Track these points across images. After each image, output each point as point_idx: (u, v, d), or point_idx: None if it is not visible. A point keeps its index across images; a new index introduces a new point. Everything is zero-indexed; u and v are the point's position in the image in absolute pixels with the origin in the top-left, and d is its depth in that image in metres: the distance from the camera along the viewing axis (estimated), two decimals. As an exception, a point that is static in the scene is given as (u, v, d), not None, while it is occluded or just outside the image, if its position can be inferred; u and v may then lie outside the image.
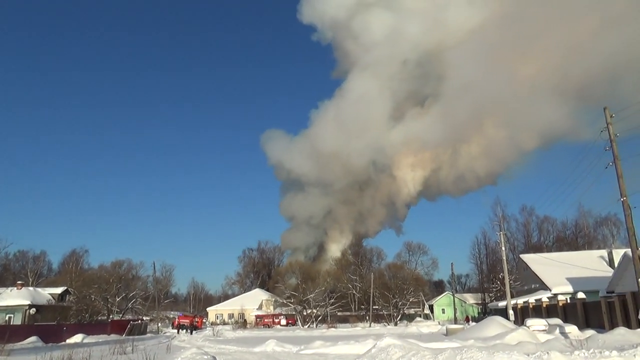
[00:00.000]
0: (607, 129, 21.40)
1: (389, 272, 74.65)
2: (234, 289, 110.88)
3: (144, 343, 29.11)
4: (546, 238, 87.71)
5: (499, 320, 29.20)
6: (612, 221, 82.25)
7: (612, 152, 21.22)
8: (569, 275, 41.50)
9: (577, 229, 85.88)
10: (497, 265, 71.60)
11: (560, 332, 26.12)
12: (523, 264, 54.03)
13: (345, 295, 71.64)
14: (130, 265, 69.85)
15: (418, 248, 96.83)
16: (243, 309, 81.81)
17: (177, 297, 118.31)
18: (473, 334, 27.17)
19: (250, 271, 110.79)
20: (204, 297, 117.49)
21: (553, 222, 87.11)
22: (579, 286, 37.79)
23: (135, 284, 66.78)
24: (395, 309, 67.34)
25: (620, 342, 18.28)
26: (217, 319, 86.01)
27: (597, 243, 77.52)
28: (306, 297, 66.48)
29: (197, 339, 40.96)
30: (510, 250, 78.58)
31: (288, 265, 78.97)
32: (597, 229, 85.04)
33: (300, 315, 68.20)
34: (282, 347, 24.86)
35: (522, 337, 22.19)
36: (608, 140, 21.47)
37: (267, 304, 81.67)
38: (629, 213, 21.00)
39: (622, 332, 20.68)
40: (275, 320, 70.54)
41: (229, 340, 38.27)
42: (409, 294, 67.59)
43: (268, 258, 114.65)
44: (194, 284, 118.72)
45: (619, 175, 20.92)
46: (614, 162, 21.13)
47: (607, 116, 21.68)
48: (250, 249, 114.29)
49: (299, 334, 47.67)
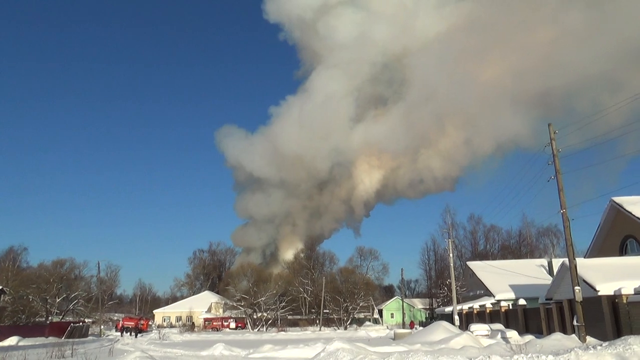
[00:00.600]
0: (551, 144, 22.55)
1: (341, 276, 75.18)
2: (182, 291, 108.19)
3: (85, 346, 27.96)
4: (492, 246, 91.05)
5: (444, 325, 30.04)
6: (552, 232, 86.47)
7: (554, 166, 22.37)
8: (511, 282, 43.21)
9: (521, 238, 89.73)
10: (445, 271, 73.67)
11: (502, 336, 27.18)
12: (469, 271, 55.80)
13: (296, 299, 71.53)
14: (72, 264, 67.17)
15: (370, 253, 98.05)
16: (192, 312, 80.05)
17: (123, 298, 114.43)
18: (420, 339, 27.81)
19: (200, 273, 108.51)
20: (150, 299, 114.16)
21: (499, 231, 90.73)
22: (521, 293, 39.40)
23: (78, 285, 64.09)
24: (346, 313, 67.88)
25: (556, 346, 19.28)
26: (164, 321, 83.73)
27: (538, 252, 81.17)
28: (257, 300, 65.91)
29: (142, 342, 39.70)
30: (458, 257, 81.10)
31: (240, 268, 77.98)
32: (539, 239, 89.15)
33: (250, 318, 67.51)
34: (230, 351, 24.52)
35: (466, 342, 22.92)
36: (551, 154, 22.61)
37: (216, 307, 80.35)
38: (567, 224, 22.17)
39: (559, 337, 21.81)
40: (224, 324, 69.41)
41: (175, 343, 37.34)
42: (360, 298, 68.32)
43: (219, 260, 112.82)
44: (141, 285, 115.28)
45: (560, 189, 22.09)
46: (555, 176, 22.29)
47: (550, 132, 22.84)
48: (201, 250, 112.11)
49: (249, 337, 47.19)
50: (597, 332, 21.87)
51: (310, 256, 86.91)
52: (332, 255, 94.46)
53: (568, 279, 22.97)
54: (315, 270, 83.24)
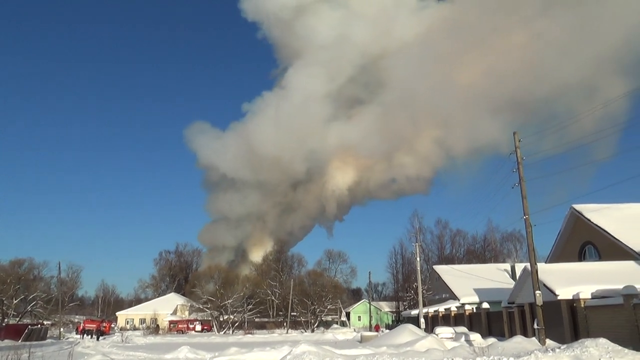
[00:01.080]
0: (515, 152, 23.21)
1: (309, 279, 75.18)
2: (147, 293, 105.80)
3: (43, 350, 26.99)
4: (458, 250, 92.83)
5: (410, 328, 30.41)
6: (516, 237, 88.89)
7: (519, 174, 23.03)
8: (476, 286, 44.09)
9: (486, 243, 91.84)
10: (412, 275, 74.55)
11: (466, 339, 27.70)
12: (435, 275, 56.65)
13: (264, 302, 71.09)
14: (31, 264, 64.94)
15: (338, 256, 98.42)
16: (156, 314, 78.43)
17: (84, 300, 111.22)
18: (386, 341, 28.06)
19: (166, 274, 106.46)
20: (114, 300, 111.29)
21: (464, 236, 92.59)
22: (485, 297, 40.25)
23: (37, 285, 61.94)
24: (313, 315, 67.87)
25: (517, 349, 19.78)
26: (128, 324, 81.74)
27: (502, 257, 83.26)
28: (224, 302, 65.15)
29: (103, 345, 38.63)
30: (425, 261, 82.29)
31: (207, 269, 76.96)
32: (503, 244, 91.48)
33: (216, 321, 66.66)
34: (195, 354, 24.12)
35: (431, 345, 23.26)
36: (516, 162, 23.26)
37: (182, 309, 79.01)
38: (530, 230, 22.83)
39: (520, 340, 22.37)
40: (190, 326, 68.30)
41: (138, 346, 36.51)
42: (327, 301, 68.48)
43: (186, 261, 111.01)
44: (104, 286, 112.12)
45: (523, 196, 22.74)
46: (519, 183, 22.94)
47: (515, 140, 23.51)
48: (167, 251, 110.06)
49: (215, 340, 46.60)
50: (556, 335, 22.56)
51: (279, 258, 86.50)
52: (300, 258, 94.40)
53: (530, 283, 23.62)
54: (283, 272, 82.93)
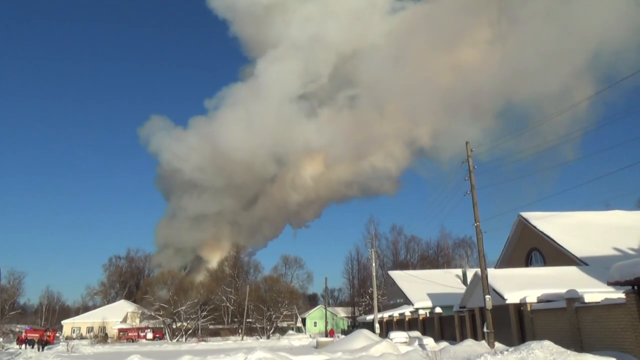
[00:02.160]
0: (467, 161, 24.02)
1: (265, 285, 74.60)
2: (95, 300, 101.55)
3: (-20, 361, 25.45)
4: (412, 256, 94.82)
5: (365, 333, 30.72)
6: (467, 243, 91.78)
7: (470, 182, 23.83)
8: (429, 291, 45.13)
9: (439, 249, 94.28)
10: (367, 280, 75.45)
11: (419, 343, 28.27)
12: (390, 280, 57.57)
13: (218, 308, 69.88)
14: (-31, 270, 60.89)
15: (295, 261, 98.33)
16: (105, 322, 75.49)
17: (27, 308, 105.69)
18: (341, 347, 28.20)
19: (117, 281, 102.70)
20: (59, 308, 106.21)
21: (418, 242, 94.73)
22: (438, 301, 41.26)
23: (-26, 293, 58.38)
24: (269, 322, 67.32)
25: (468, 352, 20.38)
26: (74, 332, 78.21)
27: (455, 262, 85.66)
28: (177, 309, 63.58)
29: (47, 355, 36.81)
30: (380, 266, 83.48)
31: (160, 275, 74.91)
32: (455, 250, 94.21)
33: (169, 328, 64.92)
34: (146, 363, 23.42)
35: (385, 349, 23.58)
36: (467, 170, 24.06)
37: (133, 317, 76.42)
38: (480, 237, 23.65)
39: (470, 343, 23.06)
40: (141, 334, 66.13)
41: (85, 356, 35.06)
42: (284, 307, 68.14)
43: (137, 267, 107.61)
44: (48, 293, 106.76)
45: (474, 203, 23.54)
46: (471, 191, 23.73)
47: (467, 150, 24.33)
48: (118, 256, 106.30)
49: (167, 348, 45.40)
50: (504, 338, 23.40)
51: (235, 264, 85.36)
52: (257, 264, 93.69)
53: (480, 288, 24.40)
54: (239, 278, 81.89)
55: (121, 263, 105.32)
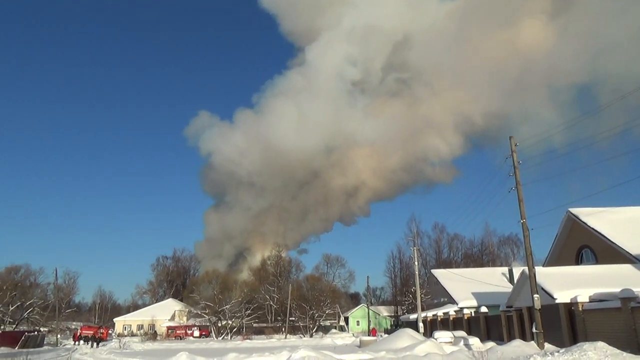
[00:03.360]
0: (512, 156, 23.31)
1: (307, 283, 75.06)
2: (145, 299, 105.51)
3: (40, 356, 26.91)
4: (455, 254, 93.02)
5: (409, 333, 30.42)
6: (513, 240, 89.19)
7: (515, 178, 23.11)
8: (474, 290, 44.12)
9: (483, 247, 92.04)
10: (410, 279, 74.62)
11: (465, 343, 27.74)
12: (434, 279, 56.65)
13: (262, 307, 70.90)
14: (28, 271, 64.72)
15: (336, 260, 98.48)
16: (154, 320, 78.11)
17: (81, 306, 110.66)
18: (385, 346, 28.04)
19: (164, 280, 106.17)
20: (111, 307, 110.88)
21: (462, 240, 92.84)
22: (483, 301, 40.29)
23: (33, 292, 61.67)
24: (312, 320, 67.71)
25: (516, 353, 19.83)
26: (125, 330, 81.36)
27: (500, 260, 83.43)
28: (222, 307, 64.96)
29: (101, 351, 38.48)
30: (423, 265, 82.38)
31: (204, 275, 76.77)
32: (500, 248, 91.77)
33: (214, 326, 66.43)
34: (193, 360, 24.07)
35: (430, 349, 23.27)
36: (512, 166, 23.35)
37: (180, 315, 78.65)
38: (527, 234, 22.90)
39: (518, 343, 22.42)
40: (188, 332, 68.01)
41: (136, 352, 36.36)
42: (326, 305, 68.33)
43: (183, 267, 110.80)
44: (101, 292, 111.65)
45: (520, 200, 22.82)
46: (516, 187, 23.02)
47: (512, 144, 23.61)
48: (165, 256, 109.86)
49: (213, 345, 46.45)
50: (554, 339, 22.60)
51: (277, 263, 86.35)
52: (298, 263, 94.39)
53: (528, 287, 23.67)
54: (281, 277, 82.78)
55: (168, 263, 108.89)
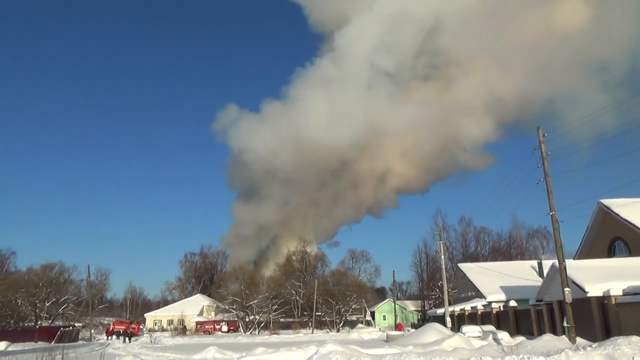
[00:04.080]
0: (540, 147, 22.81)
1: (333, 278, 75.25)
2: (174, 295, 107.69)
3: (76, 351, 27.73)
4: (482, 248, 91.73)
5: (436, 327, 30.19)
6: (542, 233, 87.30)
7: (544, 169, 22.62)
8: (502, 284, 43.49)
9: (511, 240, 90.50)
10: (436, 273, 74.00)
11: (494, 338, 27.35)
12: (461, 273, 56.09)
13: (288, 302, 71.46)
14: (62, 268, 66.57)
15: (361, 255, 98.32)
16: (183, 315, 79.66)
17: (113, 302, 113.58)
18: (412, 340, 27.92)
19: (192, 276, 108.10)
20: (141, 302, 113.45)
21: (489, 233, 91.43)
22: (512, 294, 39.68)
23: (67, 288, 63.64)
24: (338, 315, 67.92)
25: (547, 347, 19.48)
26: (156, 325, 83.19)
27: (528, 253, 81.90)
28: (249, 303, 65.76)
29: (133, 346, 39.46)
30: (449, 259, 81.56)
31: (231, 270, 77.79)
32: (529, 241, 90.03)
33: (242, 321, 67.32)
34: (222, 354, 24.46)
35: (458, 344, 23.06)
36: (540, 157, 22.87)
37: (208, 310, 80.00)
38: (557, 226, 22.42)
39: (549, 338, 22.03)
40: (216, 327, 69.17)
41: (167, 347, 37.15)
42: (352, 300, 68.42)
43: (211, 263, 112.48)
44: (131, 288, 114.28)
45: (549, 191, 22.32)
46: (544, 179, 22.53)
47: (539, 135, 23.09)
48: (192, 253, 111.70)
49: (241, 340, 47.07)
50: (586, 333, 22.12)
51: (303, 258, 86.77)
52: (324, 258, 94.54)
53: (558, 280, 23.21)
54: (307, 272, 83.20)
55: (195, 259, 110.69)
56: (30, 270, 64.85)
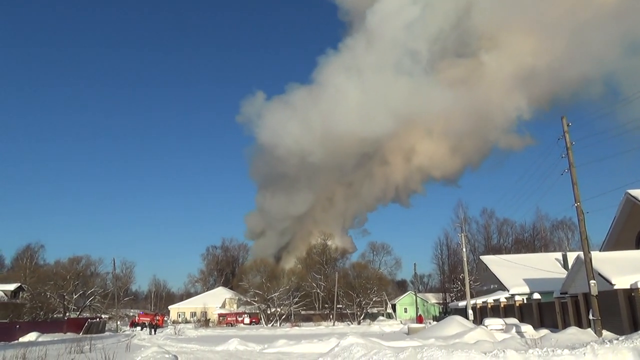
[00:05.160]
0: (564, 137, 22.30)
1: (353, 271, 75.29)
2: (196, 287, 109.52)
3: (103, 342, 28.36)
4: (505, 240, 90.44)
5: (458, 320, 30.01)
6: (567, 225, 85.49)
7: (568, 159, 22.13)
8: (526, 276, 42.90)
9: (535, 231, 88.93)
10: (458, 265, 73.34)
11: (517, 331, 27.05)
12: (483, 265, 55.52)
13: (309, 294, 71.82)
14: (88, 261, 68.05)
15: (382, 248, 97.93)
16: (206, 308, 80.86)
17: (138, 294, 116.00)
18: (434, 333, 27.82)
19: (214, 269, 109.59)
20: (165, 295, 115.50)
21: (512, 225, 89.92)
22: (535, 287, 39.12)
23: (94, 281, 65.13)
24: (359, 308, 68.00)
25: (572, 340, 19.14)
26: (179, 317, 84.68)
27: (553, 245, 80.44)
28: (270, 295, 66.32)
29: (158, 337, 40.25)
30: (471, 251, 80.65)
31: (253, 264, 78.51)
32: (553, 232, 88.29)
33: (264, 313, 67.98)
34: (245, 346, 24.78)
35: (480, 336, 22.88)
36: (565, 147, 22.37)
37: (230, 303, 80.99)
38: (582, 218, 21.95)
39: (574, 331, 21.66)
40: (238, 319, 70.04)
41: (190, 339, 37.80)
42: (373, 293, 68.38)
43: (232, 256, 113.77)
44: (155, 281, 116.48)
45: (574, 182, 21.85)
46: (569, 169, 22.05)
47: (564, 125, 22.58)
48: (214, 246, 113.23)
49: (263, 332, 47.55)
50: (613, 326, 21.68)
51: (323, 251, 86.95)
52: (345, 250, 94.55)
53: (583, 272, 22.77)
54: (328, 265, 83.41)
55: (217, 252, 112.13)
56: (58, 264, 66.53)
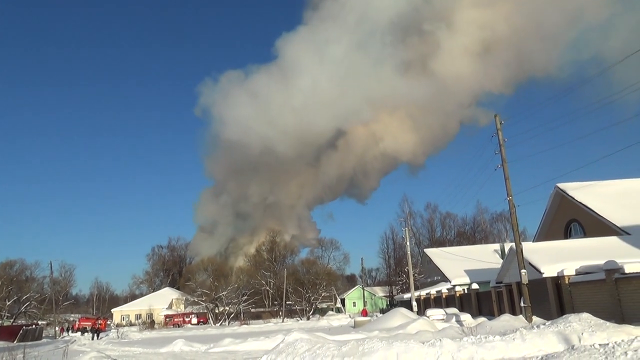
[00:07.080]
0: (497, 134, 23.49)
1: (302, 267, 75.66)
2: (142, 289, 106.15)
3: (39, 349, 27.08)
4: (448, 233, 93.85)
5: (402, 312, 30.96)
6: (505, 217, 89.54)
7: (501, 156, 23.34)
8: (466, 267, 44.74)
9: (475, 224, 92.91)
10: (403, 259, 75.31)
11: (456, 320, 28.27)
12: (427, 258, 57.35)
13: (258, 292, 71.52)
14: (23, 265, 64.86)
15: (330, 244, 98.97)
16: (152, 309, 78.69)
17: (79, 298, 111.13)
18: (378, 325, 28.56)
19: (160, 269, 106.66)
20: (108, 298, 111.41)
21: (454, 218, 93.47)
22: (475, 277, 40.90)
23: (30, 286, 61.87)
24: (308, 303, 68.47)
25: (505, 327, 20.26)
26: (123, 320, 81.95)
27: (492, 237, 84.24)
28: (218, 294, 65.48)
29: (100, 342, 38.84)
30: (416, 244, 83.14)
31: (200, 263, 77.21)
32: (493, 225, 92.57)
33: (212, 313, 67.04)
34: (190, 347, 24.44)
35: (422, 327, 23.75)
36: (498, 144, 23.55)
37: (177, 303, 79.20)
38: (513, 211, 23.25)
39: (507, 318, 22.91)
40: (185, 320, 68.68)
41: (134, 341, 36.75)
42: (322, 288, 69.03)
43: (179, 255, 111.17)
44: (98, 284, 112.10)
45: (506, 177, 23.09)
46: (502, 165, 23.26)
47: (497, 123, 23.77)
48: (160, 246, 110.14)
49: (210, 332, 46.95)
50: (543, 312, 23.12)
51: (272, 248, 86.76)
52: (293, 247, 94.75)
53: (516, 262, 24.10)
54: (276, 262, 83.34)
55: (163, 252, 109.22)
56: (-11, 269, 62.67)
